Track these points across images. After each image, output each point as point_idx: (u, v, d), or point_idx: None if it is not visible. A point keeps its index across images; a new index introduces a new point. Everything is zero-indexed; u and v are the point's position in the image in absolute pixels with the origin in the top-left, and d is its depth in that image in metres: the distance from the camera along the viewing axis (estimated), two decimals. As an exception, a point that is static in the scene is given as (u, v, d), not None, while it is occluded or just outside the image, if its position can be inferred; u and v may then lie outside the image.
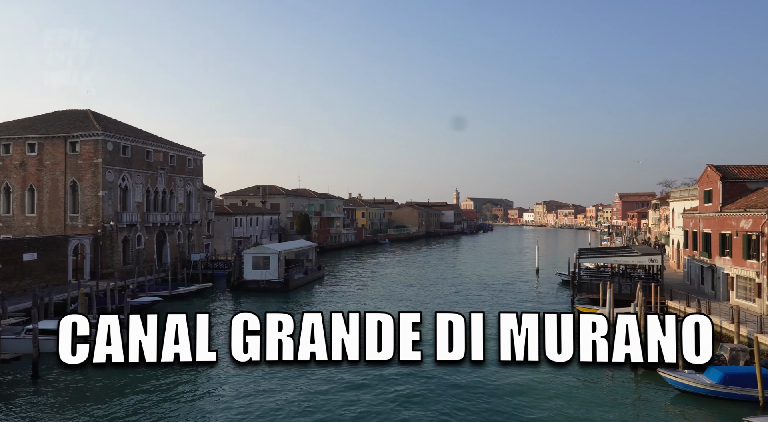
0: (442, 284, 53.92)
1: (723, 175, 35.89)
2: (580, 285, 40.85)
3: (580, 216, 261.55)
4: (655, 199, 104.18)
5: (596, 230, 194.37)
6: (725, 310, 30.44)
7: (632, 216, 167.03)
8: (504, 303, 42.50)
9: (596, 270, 48.55)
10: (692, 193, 49.40)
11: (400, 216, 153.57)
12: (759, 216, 30.90)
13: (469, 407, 19.89)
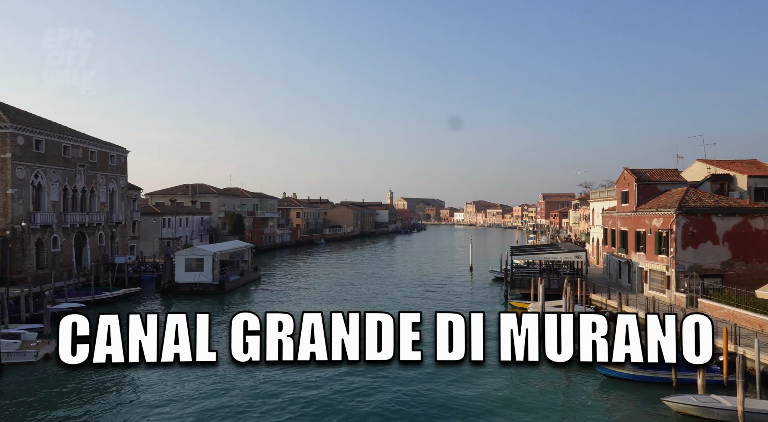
0: (380, 283, 54.45)
1: (638, 177, 39.24)
2: (513, 281, 42.96)
3: (508, 216, 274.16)
4: (575, 200, 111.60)
5: (522, 229, 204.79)
6: (641, 301, 33.36)
7: (554, 216, 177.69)
8: (442, 300, 43.74)
9: (526, 266, 51.26)
10: (610, 194, 53.54)
11: (336, 216, 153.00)
12: (668, 215, 34.14)
13: (404, 407, 20.35)
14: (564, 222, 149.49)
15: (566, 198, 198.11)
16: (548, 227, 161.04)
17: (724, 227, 33.30)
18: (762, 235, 33.55)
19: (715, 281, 32.67)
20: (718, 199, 34.97)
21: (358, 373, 22.97)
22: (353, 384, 22.06)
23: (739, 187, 38.64)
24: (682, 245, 33.18)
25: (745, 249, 33.28)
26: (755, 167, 41.04)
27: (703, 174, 41.22)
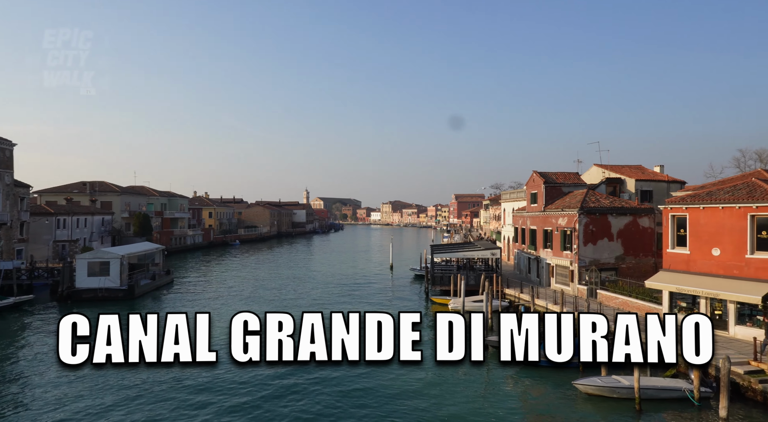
0: (302, 283, 53.80)
1: (546, 180, 42.54)
2: (434, 279, 44.56)
3: (423, 216, 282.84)
4: (486, 200, 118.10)
5: (436, 228, 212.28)
6: (549, 294, 36.24)
7: (466, 215, 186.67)
8: (366, 298, 44.24)
9: (444, 264, 53.33)
10: (520, 195, 57.40)
11: (251, 216, 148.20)
12: (572, 214, 37.43)
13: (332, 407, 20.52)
14: (475, 222, 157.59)
15: (477, 198, 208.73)
16: (461, 226, 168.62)
17: (618, 225, 37.21)
18: (647, 232, 37.94)
19: (611, 274, 36.39)
20: (613, 200, 38.96)
21: (283, 376, 22.65)
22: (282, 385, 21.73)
23: (628, 189, 43.38)
24: (583, 242, 36.55)
25: (634, 245, 37.44)
26: (641, 172, 46.30)
27: (599, 177, 45.72)
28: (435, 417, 18.90)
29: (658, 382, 20.46)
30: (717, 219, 25.59)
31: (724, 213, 25.25)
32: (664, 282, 27.56)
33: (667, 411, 18.94)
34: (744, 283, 23.83)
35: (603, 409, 19.35)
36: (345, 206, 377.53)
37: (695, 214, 26.72)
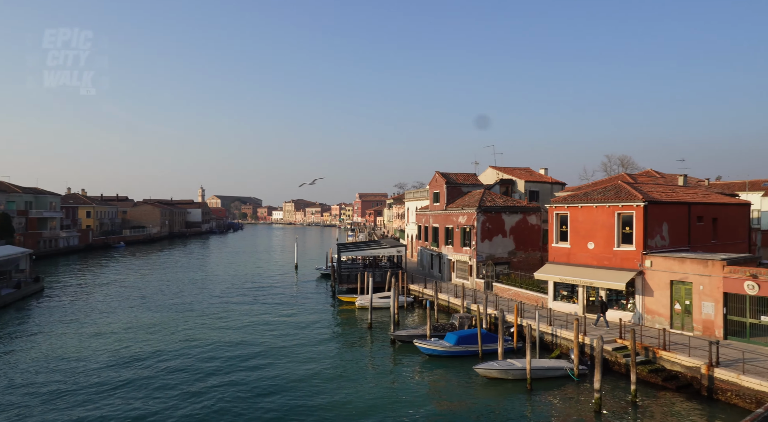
0: (201, 288, 51.28)
1: (447, 180, 45.06)
2: (341, 277, 45.06)
3: (326, 214, 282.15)
4: (390, 199, 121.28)
5: (340, 227, 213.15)
6: (451, 288, 38.53)
7: (370, 214, 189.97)
8: (271, 300, 43.47)
9: (350, 262, 54.10)
10: (423, 194, 59.99)
11: (138, 216, 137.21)
12: (471, 213, 40.15)
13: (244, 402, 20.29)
14: (379, 220, 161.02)
15: (380, 197, 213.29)
16: (365, 225, 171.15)
17: (510, 223, 40.63)
18: (535, 229, 41.89)
19: (504, 267, 39.66)
20: (506, 200, 42.42)
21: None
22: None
23: (519, 189, 47.45)
24: (480, 238, 39.39)
25: (524, 241, 41.14)
26: (529, 174, 50.87)
27: (494, 178, 49.44)
28: (342, 407, 19.42)
29: (546, 363, 22.92)
30: (592, 217, 29.18)
31: (597, 211, 28.88)
32: (549, 273, 30.78)
33: (553, 388, 21.31)
34: (612, 272, 27.50)
35: (500, 391, 21.25)
36: (245, 205, 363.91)
37: (575, 212, 30.20)
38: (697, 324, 24.24)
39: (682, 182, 39.41)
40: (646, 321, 26.20)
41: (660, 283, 25.77)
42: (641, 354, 22.10)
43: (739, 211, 33.16)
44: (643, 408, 19.03)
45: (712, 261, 23.86)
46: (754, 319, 22.62)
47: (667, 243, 27.55)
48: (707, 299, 23.87)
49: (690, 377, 20.44)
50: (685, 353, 20.98)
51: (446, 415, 19.07)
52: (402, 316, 35.52)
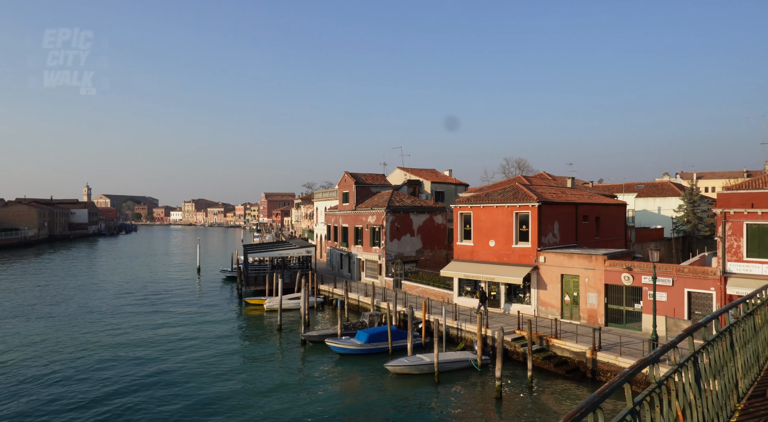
0: (85, 296, 46.46)
1: (356, 180, 45.25)
2: (248, 279, 43.33)
3: (230, 215, 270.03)
4: (298, 199, 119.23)
5: (246, 227, 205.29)
6: (361, 287, 38.72)
7: (277, 214, 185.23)
8: (170, 306, 40.58)
9: (257, 264, 52.26)
10: (332, 194, 59.67)
11: (10, 217, 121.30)
12: (380, 213, 40.69)
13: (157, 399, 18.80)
14: (286, 221, 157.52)
15: (288, 197, 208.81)
16: (271, 225, 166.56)
17: (418, 222, 41.83)
18: (441, 228, 43.54)
19: (412, 266, 40.71)
20: (414, 200, 43.59)
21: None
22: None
23: (425, 190, 49.02)
24: (390, 238, 40.07)
25: (430, 240, 42.57)
26: (435, 175, 52.79)
27: (402, 179, 50.59)
28: (252, 410, 18.67)
29: (452, 356, 23.87)
30: (493, 217, 30.97)
31: (497, 211, 30.71)
32: (454, 270, 32.14)
33: (459, 379, 22.27)
34: (511, 268, 29.40)
35: (409, 385, 21.74)
36: (138, 205, 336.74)
37: (477, 212, 31.85)
38: (584, 313, 26.73)
39: (571, 184, 43.27)
40: (540, 313, 28.36)
41: (552, 277, 28.04)
42: (537, 343, 23.85)
43: (617, 210, 37.16)
44: (538, 393, 20.54)
45: (595, 256, 26.44)
46: (629, 307, 25.46)
47: (558, 241, 30.06)
48: (591, 290, 26.42)
49: (577, 361, 22.46)
50: (573, 340, 23.01)
51: (358, 411, 19.09)
52: (312, 317, 35.02)
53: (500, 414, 18.90)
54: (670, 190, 52.35)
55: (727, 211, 23.09)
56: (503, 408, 19.24)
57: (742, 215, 22.71)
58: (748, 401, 4.74)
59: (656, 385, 3.00)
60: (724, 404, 4.19)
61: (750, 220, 22.53)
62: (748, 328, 5.37)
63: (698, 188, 51.36)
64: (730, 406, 4.39)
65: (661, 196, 51.67)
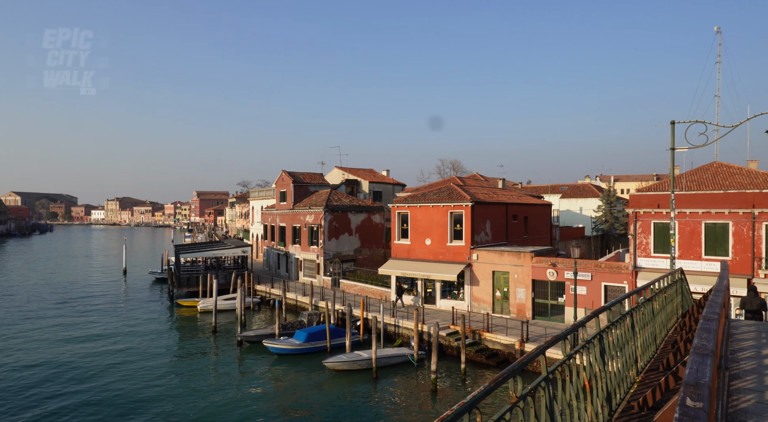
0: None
1: (294, 179, 44.81)
2: (180, 280, 41.64)
3: (159, 214, 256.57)
4: (232, 198, 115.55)
5: (176, 227, 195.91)
6: (299, 287, 38.44)
7: (209, 214, 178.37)
8: (93, 311, 38.14)
9: (189, 264, 50.31)
10: (269, 193, 58.60)
11: None
12: (318, 212, 40.59)
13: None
14: (220, 220, 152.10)
15: (221, 196, 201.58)
16: (204, 225, 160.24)
17: (356, 221, 42.15)
18: (379, 227, 44.13)
19: (351, 264, 40.97)
20: (352, 199, 43.86)
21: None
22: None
23: (363, 189, 49.45)
24: (328, 237, 40.09)
25: (369, 238, 43.05)
26: (373, 175, 53.36)
27: (340, 178, 50.69)
28: (189, 415, 18.15)
29: (389, 352, 24.40)
30: (429, 216, 31.92)
31: (433, 210, 31.69)
32: (392, 268, 32.78)
33: (396, 374, 22.83)
34: (446, 265, 30.47)
35: (348, 381, 22.00)
36: (55, 203, 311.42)
37: (414, 212, 32.68)
38: (513, 307, 28.26)
39: (501, 185, 45.39)
40: (473, 308, 29.63)
41: (484, 274, 29.38)
42: (470, 337, 24.95)
43: (543, 210, 39.48)
44: (471, 384, 21.53)
45: (523, 254, 28.04)
46: (553, 301, 27.25)
47: (489, 239, 31.52)
48: (520, 286, 27.99)
49: (507, 353, 23.75)
50: (503, 333, 24.30)
51: (296, 409, 19.09)
52: (249, 317, 34.33)
53: (435, 405, 19.63)
54: (591, 192, 56.30)
55: (638, 211, 25.37)
56: (438, 399, 20.01)
57: (650, 215, 25.04)
58: (646, 374, 5.47)
59: (566, 357, 3.49)
60: (625, 376, 4.83)
61: (657, 219, 24.89)
62: (647, 313, 6.14)
63: (615, 190, 55.66)
64: (630, 378, 5.06)
65: (582, 197, 55.44)
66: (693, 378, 1.67)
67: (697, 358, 1.88)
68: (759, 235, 22.60)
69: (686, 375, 1.77)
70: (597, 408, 3.96)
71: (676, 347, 5.82)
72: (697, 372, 1.72)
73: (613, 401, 4.38)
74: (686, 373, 1.77)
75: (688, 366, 1.89)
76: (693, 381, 1.63)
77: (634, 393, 4.87)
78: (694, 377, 1.67)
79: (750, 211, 22.73)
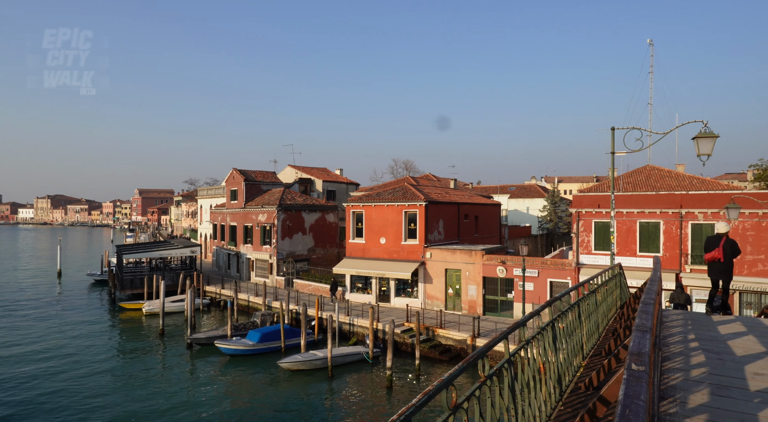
0: None
1: (246, 178, 43.98)
2: (123, 282, 39.87)
3: (96, 213, 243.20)
4: (178, 196, 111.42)
5: (116, 227, 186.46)
6: (251, 287, 37.81)
7: (153, 212, 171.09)
8: (24, 317, 35.84)
9: (133, 266, 48.25)
10: (219, 191, 57.13)
11: None
12: (271, 211, 40.08)
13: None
14: (164, 219, 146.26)
15: (165, 194, 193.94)
16: (146, 224, 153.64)
17: (310, 221, 41.95)
18: (332, 227, 44.12)
19: (304, 264, 40.74)
20: (306, 198, 43.60)
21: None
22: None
23: (317, 188, 49.24)
24: (281, 236, 39.67)
25: (323, 238, 42.95)
26: (326, 174, 53.22)
27: (293, 177, 50.21)
28: (139, 417, 17.60)
29: (344, 350, 24.58)
30: (384, 215, 32.32)
31: (388, 210, 32.13)
32: (347, 267, 32.94)
33: (351, 372, 23.04)
34: (401, 264, 30.99)
35: (303, 380, 22.00)
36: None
37: (369, 211, 32.99)
38: (465, 304, 29.16)
39: (453, 185, 46.56)
40: (427, 305, 30.31)
41: (437, 272, 30.12)
42: (424, 333, 25.54)
43: (493, 210, 40.88)
44: (425, 379, 22.09)
45: (475, 252, 28.99)
46: (503, 297, 28.36)
47: (442, 237, 32.33)
48: (472, 283, 28.92)
49: (459, 348, 24.52)
50: (456, 329, 25.06)
51: (251, 410, 18.91)
52: (198, 319, 33.43)
53: (390, 401, 20.01)
54: (537, 192, 58.76)
55: (580, 211, 26.87)
56: (393, 395, 20.40)
57: (591, 214, 26.59)
58: (591, 359, 6.01)
59: (525, 343, 3.87)
60: (572, 360, 5.32)
61: (597, 219, 26.48)
62: (591, 304, 6.72)
63: (559, 191, 58.36)
64: (578, 362, 5.57)
65: (529, 198, 57.78)
66: (636, 348, 2.02)
67: (639, 333, 2.25)
68: (686, 233, 24.55)
69: (630, 346, 2.13)
70: (550, 388, 4.38)
71: (617, 334, 6.42)
72: (639, 344, 2.07)
73: (564, 382, 4.84)
74: (630, 345, 2.13)
75: (631, 339, 2.26)
76: (636, 350, 1.98)
77: (581, 376, 5.37)
78: (637, 347, 2.02)
79: (678, 211, 24.65)
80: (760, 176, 38.77)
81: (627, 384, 1.64)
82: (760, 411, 3.99)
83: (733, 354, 5.98)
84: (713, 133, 9.41)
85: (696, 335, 7.17)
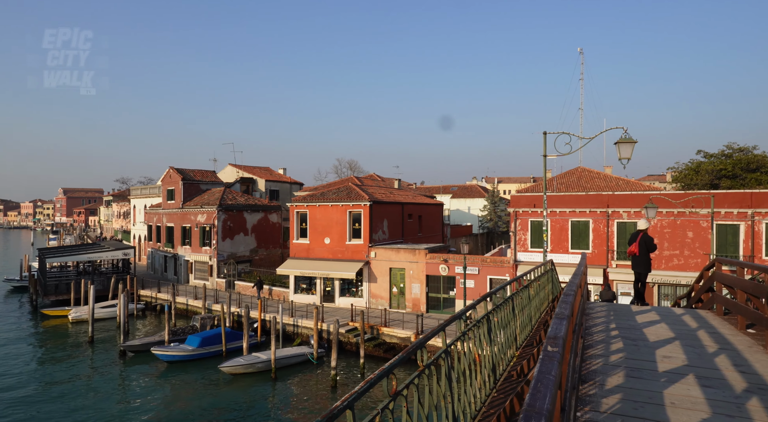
0: None
1: (183, 177, 42.34)
2: (46, 288, 37.20)
3: (13, 214, 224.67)
4: (108, 196, 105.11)
5: (37, 228, 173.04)
6: (190, 290, 36.48)
7: (79, 213, 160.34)
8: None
9: (57, 270, 45.09)
10: (153, 190, 54.56)
11: None
12: (211, 211, 38.86)
13: None
14: (93, 220, 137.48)
15: (94, 193, 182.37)
16: (72, 226, 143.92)
17: (252, 221, 41.05)
18: (276, 227, 43.42)
19: (246, 265, 39.81)
20: (247, 198, 42.62)
21: None
22: None
23: (259, 188, 48.26)
24: (222, 237, 38.55)
25: (265, 238, 42.17)
26: (269, 173, 52.26)
27: (235, 176, 48.91)
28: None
29: (288, 351, 24.32)
30: (328, 215, 32.25)
31: (333, 210, 32.09)
32: (291, 268, 32.56)
33: (296, 373, 22.85)
34: (345, 263, 31.05)
35: (246, 384, 21.56)
36: None
37: (313, 211, 32.79)
38: (409, 302, 29.68)
39: (398, 185, 47.18)
40: (372, 304, 30.56)
41: (382, 271, 30.46)
42: (369, 332, 25.76)
43: (436, 209, 41.82)
44: (370, 377, 22.31)
45: (418, 250, 29.58)
46: (445, 294, 29.12)
47: (387, 237, 32.72)
48: (415, 281, 29.49)
49: (403, 346, 24.94)
50: (400, 327, 25.47)
51: (190, 416, 18.32)
52: (132, 325, 31.82)
53: (335, 400, 20.06)
54: (478, 193, 60.70)
55: (518, 211, 28.12)
56: (339, 394, 20.45)
57: (528, 213, 27.90)
58: (523, 349, 6.42)
59: (461, 334, 4.12)
60: (507, 351, 5.68)
61: (533, 218, 27.82)
62: (524, 298, 7.16)
63: (498, 191, 60.60)
64: (511, 352, 5.94)
65: (470, 197, 59.58)
66: (553, 332, 2.28)
67: (557, 321, 2.52)
68: (612, 231, 26.35)
69: (548, 332, 2.40)
70: (485, 377, 4.67)
71: (547, 325, 6.89)
72: (556, 329, 2.34)
73: (498, 371, 5.17)
74: (548, 331, 2.39)
75: (550, 326, 2.53)
76: (553, 334, 2.23)
77: (514, 365, 5.74)
78: (554, 332, 2.27)
79: (605, 210, 26.41)
80: (677, 178, 42.20)
81: (542, 362, 1.87)
82: (665, 389, 4.48)
83: (647, 340, 6.61)
84: (632, 139, 10.25)
85: (617, 324, 7.83)
